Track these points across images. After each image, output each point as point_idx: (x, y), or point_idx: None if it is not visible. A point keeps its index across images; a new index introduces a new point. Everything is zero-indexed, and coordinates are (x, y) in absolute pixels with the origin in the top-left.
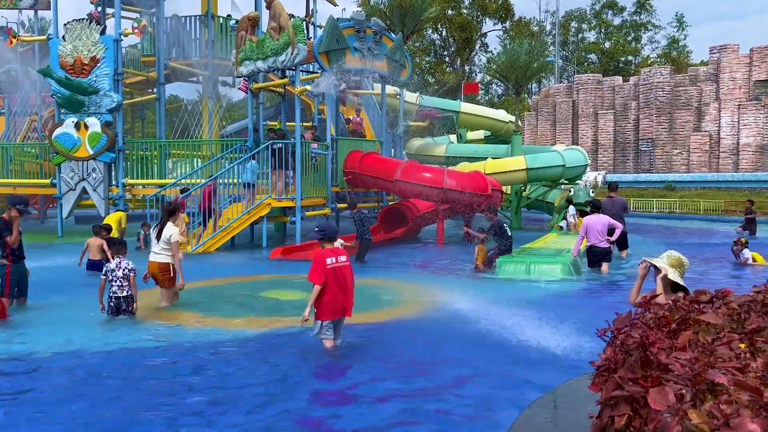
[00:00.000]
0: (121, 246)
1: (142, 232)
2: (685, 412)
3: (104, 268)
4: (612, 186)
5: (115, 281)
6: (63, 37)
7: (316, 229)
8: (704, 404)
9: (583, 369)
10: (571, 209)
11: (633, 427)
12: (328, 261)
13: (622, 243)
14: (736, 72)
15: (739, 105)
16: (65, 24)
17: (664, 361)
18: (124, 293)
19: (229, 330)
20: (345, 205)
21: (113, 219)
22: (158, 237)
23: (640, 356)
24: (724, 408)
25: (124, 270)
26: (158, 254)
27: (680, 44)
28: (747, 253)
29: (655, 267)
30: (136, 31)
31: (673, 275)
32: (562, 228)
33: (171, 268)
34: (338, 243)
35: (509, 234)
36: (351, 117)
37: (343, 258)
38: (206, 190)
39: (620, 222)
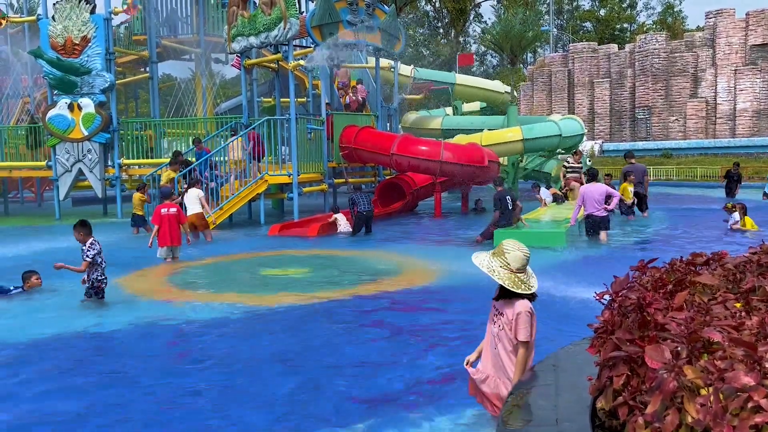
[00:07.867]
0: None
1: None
2: (681, 368)
3: (93, 251)
4: (628, 154)
5: (103, 264)
6: (53, 17)
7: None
8: (699, 361)
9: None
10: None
11: (630, 386)
12: (163, 211)
13: (644, 204)
14: (733, 37)
15: (735, 70)
16: (54, 3)
17: (661, 321)
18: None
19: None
20: (342, 180)
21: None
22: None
23: (638, 317)
24: (718, 363)
25: None
26: (193, 208)
27: (675, 10)
28: (733, 218)
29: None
30: (126, 7)
31: (502, 277)
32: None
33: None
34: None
35: (510, 207)
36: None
37: (173, 209)
38: (253, 134)
39: (642, 187)
